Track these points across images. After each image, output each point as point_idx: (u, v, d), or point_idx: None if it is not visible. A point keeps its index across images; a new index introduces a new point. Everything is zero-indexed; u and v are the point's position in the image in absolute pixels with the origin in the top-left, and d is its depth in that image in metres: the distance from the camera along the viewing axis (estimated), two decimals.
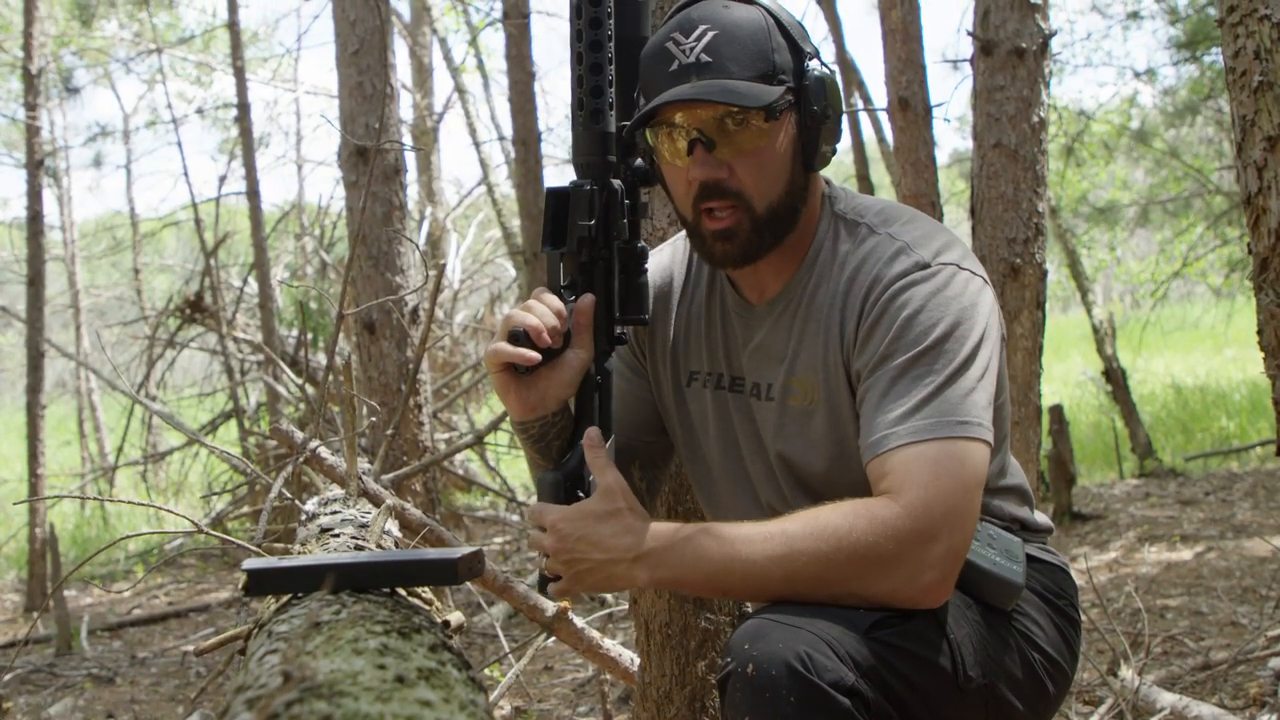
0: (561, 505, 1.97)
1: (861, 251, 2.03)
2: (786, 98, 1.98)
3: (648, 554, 1.88)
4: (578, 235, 2.04)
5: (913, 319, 1.92)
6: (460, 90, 12.12)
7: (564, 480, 2.04)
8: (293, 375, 8.62)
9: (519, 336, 1.98)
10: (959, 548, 1.83)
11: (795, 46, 2.01)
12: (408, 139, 11.88)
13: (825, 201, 2.11)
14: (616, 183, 2.07)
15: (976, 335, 1.93)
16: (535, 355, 1.97)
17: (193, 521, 3.03)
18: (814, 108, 1.99)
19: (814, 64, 2.02)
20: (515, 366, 2.01)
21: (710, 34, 1.96)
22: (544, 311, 2.00)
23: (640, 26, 2.14)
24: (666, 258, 2.30)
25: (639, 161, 2.11)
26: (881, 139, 9.39)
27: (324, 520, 2.65)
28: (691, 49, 1.96)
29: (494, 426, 4.54)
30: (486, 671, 4.72)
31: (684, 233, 2.24)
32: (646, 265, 2.12)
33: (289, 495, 3.37)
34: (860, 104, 9.75)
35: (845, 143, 2.25)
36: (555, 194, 2.08)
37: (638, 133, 2.06)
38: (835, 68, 2.10)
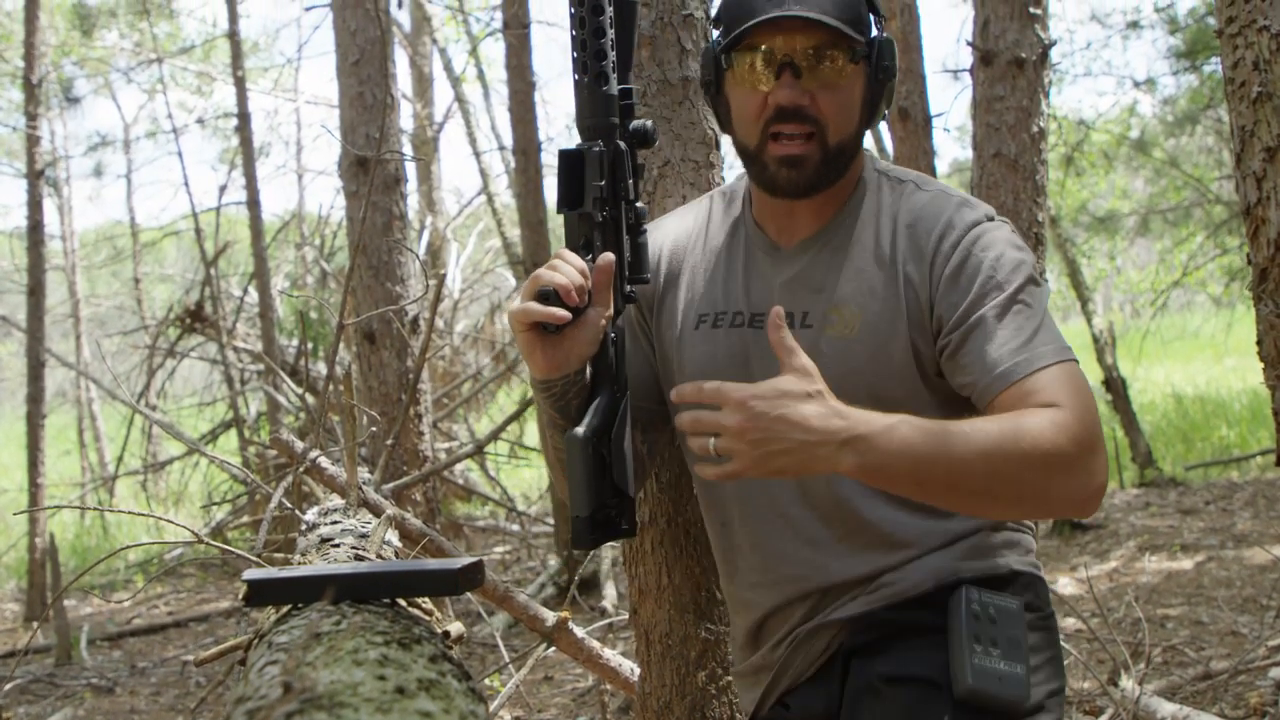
0: (746, 385, 1.85)
1: (916, 202, 2.11)
2: (865, 48, 2.06)
3: (859, 438, 1.81)
4: (593, 195, 2.06)
5: (999, 262, 2.00)
6: (460, 100, 12.12)
7: (590, 439, 2.03)
8: (293, 385, 8.60)
9: (549, 295, 1.97)
10: (1104, 453, 1.90)
11: (872, 4, 2.10)
12: (408, 149, 11.88)
13: (867, 160, 2.20)
14: (621, 144, 2.09)
15: (1036, 272, 2.04)
16: (566, 314, 1.98)
17: (193, 531, 3.03)
18: (885, 63, 2.08)
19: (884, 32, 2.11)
20: (544, 325, 2.00)
21: None
22: (571, 271, 2.00)
23: None
24: (689, 217, 2.35)
25: (636, 124, 2.11)
26: (882, 149, 9.40)
27: (324, 530, 2.65)
28: None
29: (494, 436, 4.54)
30: (487, 681, 4.72)
31: (698, 199, 2.37)
32: (645, 227, 2.14)
33: (289, 505, 3.37)
34: None
35: None
36: (568, 156, 2.08)
37: (708, 58, 2.14)
38: None
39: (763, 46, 2.05)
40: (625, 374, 2.12)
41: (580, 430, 2.03)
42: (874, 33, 2.08)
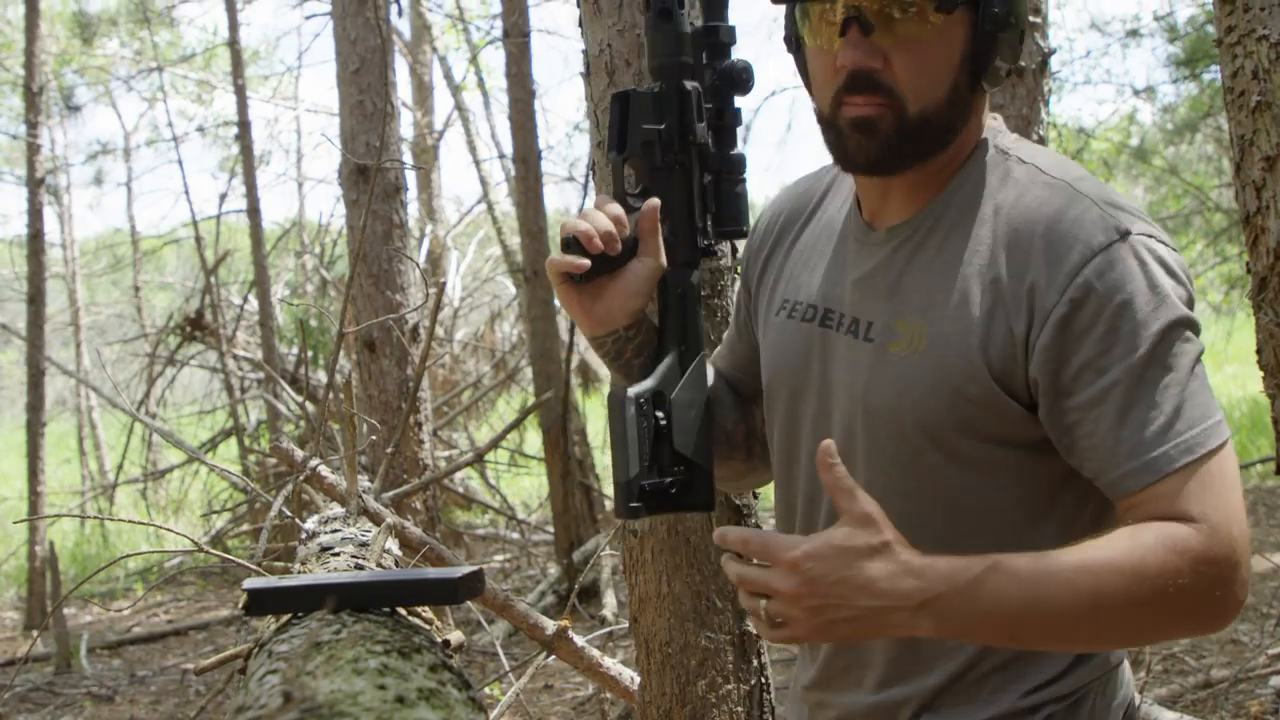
0: (797, 537, 1.56)
1: (1030, 196, 1.68)
2: None
3: (935, 600, 1.51)
4: (642, 139, 1.89)
5: (1133, 305, 1.56)
6: (460, 108, 12.14)
7: (635, 399, 1.81)
8: (293, 393, 8.62)
9: (570, 244, 1.81)
10: (1249, 562, 1.58)
11: None
12: (408, 157, 11.90)
13: (989, 133, 1.79)
14: (691, 84, 1.89)
15: (1191, 321, 1.60)
16: (585, 262, 1.80)
17: (192, 540, 3.03)
18: (994, 9, 1.67)
19: None
20: (574, 277, 1.83)
21: None
22: (598, 216, 1.82)
23: None
24: (815, 179, 2.03)
25: (726, 64, 1.90)
26: None
27: (324, 539, 2.65)
28: None
29: (494, 444, 4.54)
30: (487, 690, 4.71)
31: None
32: (742, 176, 1.92)
33: (289, 513, 3.36)
34: None
35: None
36: (619, 98, 1.92)
37: (788, 9, 1.81)
38: None
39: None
40: (698, 332, 1.92)
41: (625, 390, 1.82)
42: None
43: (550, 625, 3.05)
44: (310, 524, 2.94)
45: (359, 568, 2.32)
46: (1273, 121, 2.19)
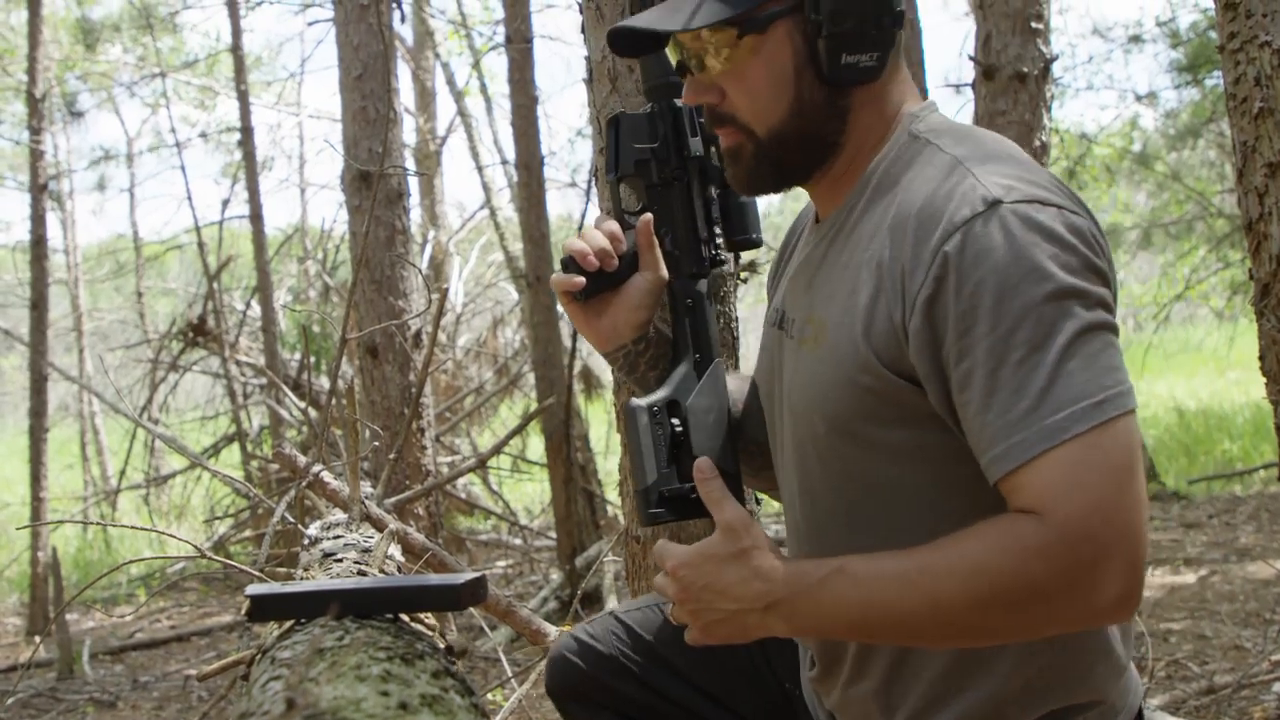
0: (681, 546, 1.66)
1: (920, 174, 1.64)
2: (776, 5, 1.67)
3: (780, 602, 1.59)
4: (635, 158, 1.97)
5: (983, 287, 1.49)
6: (463, 114, 12.13)
7: (647, 408, 1.86)
8: (295, 399, 8.60)
9: (567, 263, 1.90)
10: (1134, 552, 1.45)
11: None
12: (410, 163, 11.90)
13: (906, 119, 1.75)
14: (681, 102, 1.95)
15: (1080, 283, 1.50)
16: (580, 279, 1.89)
17: (195, 546, 3.03)
18: (817, 13, 1.64)
19: None
20: (576, 295, 1.91)
21: None
22: (594, 235, 1.91)
23: None
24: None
25: None
26: None
27: (327, 545, 2.66)
28: None
29: (497, 450, 4.54)
30: (489, 696, 4.71)
31: None
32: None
33: (292, 519, 3.37)
34: None
35: None
36: (612, 122, 2.01)
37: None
38: None
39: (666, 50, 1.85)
40: (710, 340, 1.96)
41: (636, 400, 1.87)
42: None
43: (553, 631, 3.05)
44: (313, 530, 2.94)
45: (362, 574, 2.32)
46: (1275, 128, 2.19)
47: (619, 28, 1.75)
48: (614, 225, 1.92)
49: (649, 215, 1.93)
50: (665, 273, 1.95)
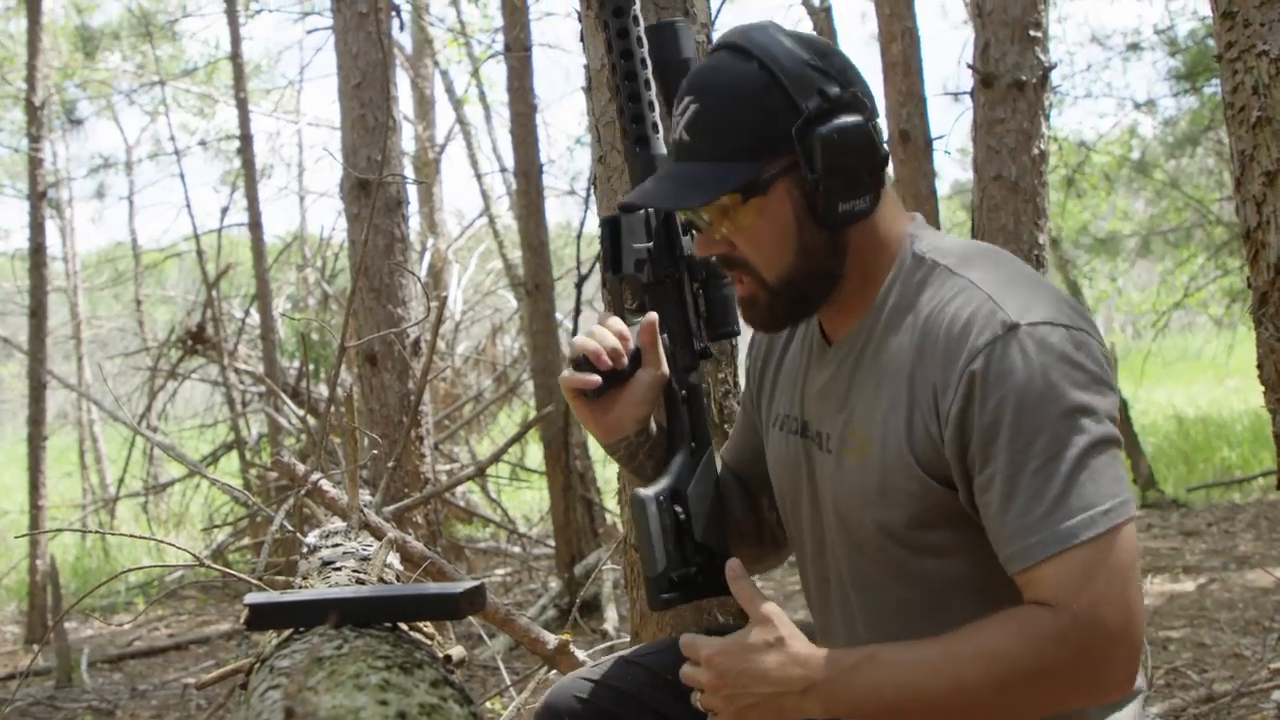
0: (715, 637, 1.84)
1: (939, 297, 1.82)
2: (774, 167, 1.82)
3: (817, 685, 1.74)
4: (634, 257, 2.08)
5: (1004, 405, 1.69)
6: (462, 122, 12.16)
7: (654, 498, 2.00)
8: (294, 407, 8.61)
9: (580, 362, 2.01)
10: (1136, 639, 1.67)
11: (793, 104, 1.81)
12: (410, 171, 11.91)
13: (906, 240, 1.91)
14: None
15: (1090, 399, 1.70)
16: (596, 379, 2.00)
17: (193, 554, 3.03)
18: (810, 173, 1.80)
19: (828, 119, 1.81)
20: (585, 391, 2.02)
21: (692, 108, 1.86)
22: (604, 334, 2.02)
23: (679, 49, 2.15)
24: None
25: None
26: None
27: (325, 553, 2.65)
28: (678, 124, 1.89)
29: (496, 458, 4.54)
30: (488, 705, 4.71)
31: None
32: (728, 279, 2.07)
33: (290, 527, 3.36)
34: None
35: None
36: (609, 222, 2.11)
37: None
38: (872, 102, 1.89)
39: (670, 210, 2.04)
40: (705, 430, 2.11)
41: (644, 490, 2.01)
42: (808, 132, 1.81)
43: (552, 639, 3.05)
44: (312, 538, 2.94)
45: (360, 582, 2.32)
46: (1273, 137, 2.19)
47: (630, 204, 1.97)
48: (621, 325, 2.04)
49: (653, 315, 2.05)
50: (667, 369, 2.08)
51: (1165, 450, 12.28)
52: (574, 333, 7.23)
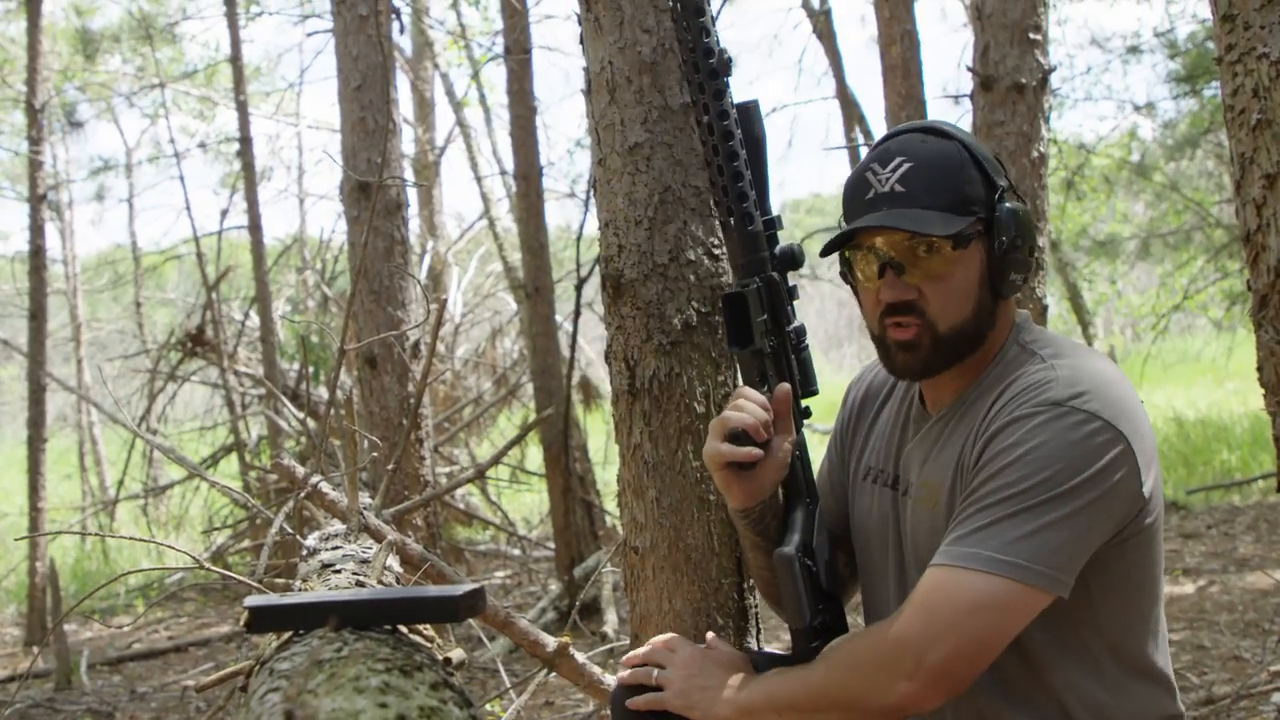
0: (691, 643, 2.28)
1: (1022, 381, 2.04)
2: (975, 227, 2.05)
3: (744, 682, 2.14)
4: (759, 330, 2.21)
5: (1014, 453, 1.94)
6: (462, 125, 12.15)
7: (796, 555, 2.18)
8: (294, 409, 8.62)
9: (740, 436, 2.13)
10: (942, 665, 1.89)
11: (988, 180, 2.07)
12: (409, 173, 11.91)
13: (1014, 329, 2.15)
14: (774, 274, 2.23)
15: (1073, 490, 1.91)
16: (759, 453, 2.13)
17: (193, 556, 3.03)
18: (1002, 238, 2.05)
19: (1007, 198, 2.08)
20: (739, 464, 2.15)
21: (905, 165, 2.05)
22: (754, 409, 2.15)
23: (755, 126, 2.29)
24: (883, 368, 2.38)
25: (783, 248, 2.25)
26: None
27: (325, 555, 2.65)
28: (887, 179, 2.06)
29: (495, 461, 4.53)
30: (488, 707, 4.71)
31: None
32: (805, 342, 2.26)
33: (290, 530, 3.36)
34: (861, 139, 9.78)
35: (846, 178, 2.25)
36: (732, 299, 2.23)
37: (833, 246, 2.17)
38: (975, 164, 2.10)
39: (865, 245, 2.12)
40: (814, 483, 2.27)
41: (787, 549, 2.18)
42: (998, 204, 2.07)
43: (551, 642, 3.04)
44: (311, 540, 2.94)
45: (360, 585, 2.32)
46: (1273, 139, 2.19)
47: (864, 227, 2.08)
48: (761, 398, 2.17)
49: (786, 386, 2.20)
50: (795, 435, 2.23)
51: (1165, 453, 12.27)
52: (573, 336, 7.24)
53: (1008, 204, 2.07)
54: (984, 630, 1.90)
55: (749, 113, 2.30)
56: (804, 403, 2.29)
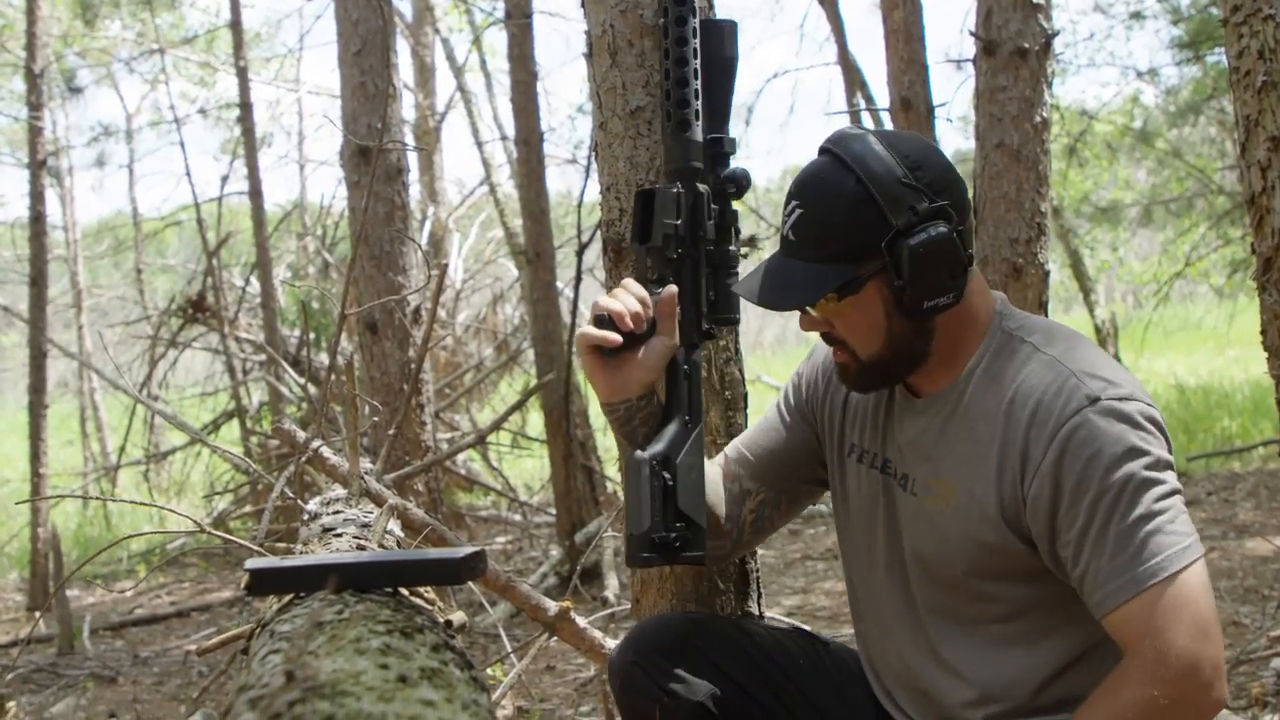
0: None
1: (1028, 370, 2.05)
2: (868, 269, 2.02)
3: None
4: (663, 232, 2.20)
5: (1096, 462, 1.93)
6: (463, 90, 12.10)
7: (649, 460, 2.14)
8: (295, 375, 8.62)
9: (603, 320, 2.13)
10: (1217, 658, 1.89)
11: (883, 219, 2.00)
12: (410, 139, 11.88)
13: (995, 318, 2.15)
14: (702, 187, 2.22)
15: (1157, 463, 1.94)
16: (617, 338, 2.12)
17: (195, 521, 3.03)
18: (899, 278, 2.00)
19: (915, 232, 2.00)
20: (601, 349, 2.14)
21: (797, 212, 2.06)
22: (628, 298, 2.15)
23: (725, 46, 2.30)
24: None
25: (730, 170, 2.26)
26: None
27: (326, 520, 2.65)
28: (785, 222, 2.08)
29: (496, 426, 4.54)
30: (489, 671, 4.72)
31: None
32: (736, 269, 2.25)
33: (291, 495, 3.37)
34: (863, 104, 9.75)
35: None
36: (643, 194, 2.24)
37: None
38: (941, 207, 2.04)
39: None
40: (700, 405, 2.24)
41: (639, 453, 2.15)
42: (898, 241, 2.00)
43: (552, 606, 3.05)
44: (312, 505, 2.94)
45: (361, 549, 2.32)
46: (1278, 101, 2.18)
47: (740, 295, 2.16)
48: (643, 291, 2.17)
49: (674, 288, 2.18)
50: (678, 340, 2.20)
51: (1166, 419, 12.28)
52: (575, 301, 7.24)
53: (909, 241, 1.99)
54: (1207, 612, 1.90)
55: (720, 31, 2.31)
56: (713, 327, 2.28)
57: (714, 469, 2.38)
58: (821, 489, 2.46)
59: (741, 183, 2.25)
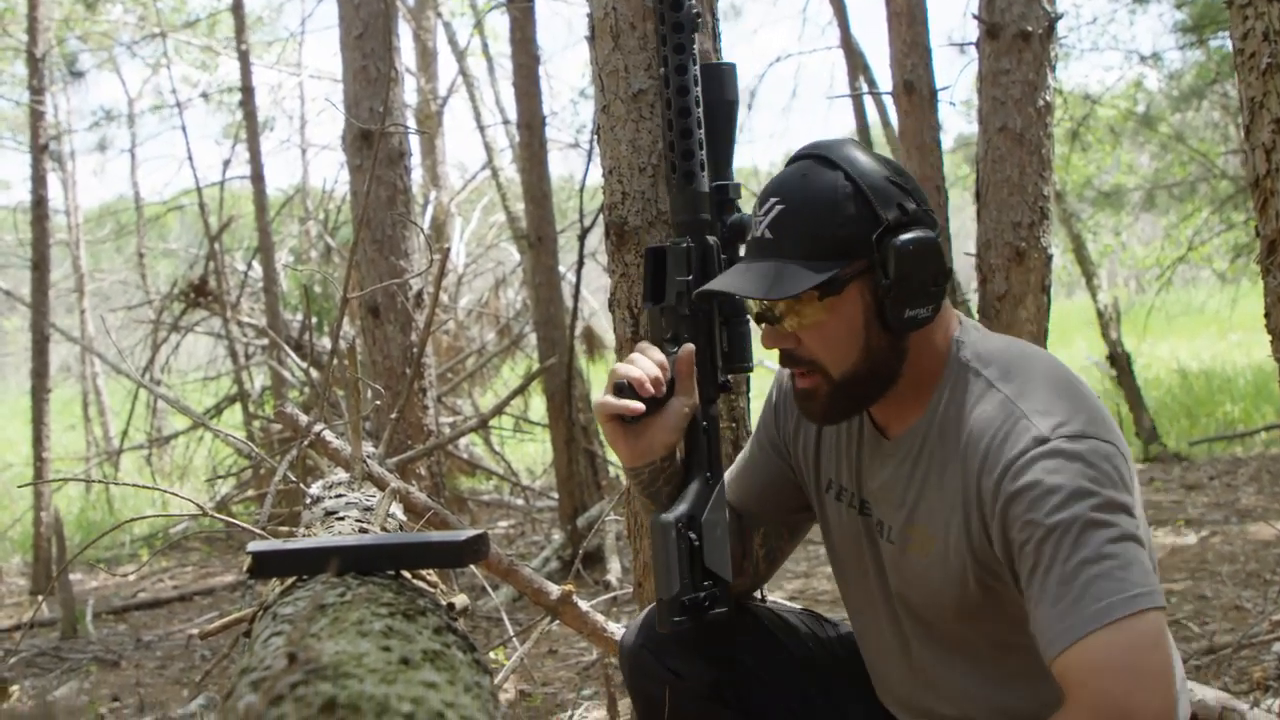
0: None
1: (981, 411, 1.97)
2: (853, 269, 1.95)
3: None
4: (676, 290, 2.18)
5: (1038, 506, 1.83)
6: (465, 74, 12.08)
7: (674, 523, 2.10)
8: (297, 359, 8.61)
9: (623, 388, 2.10)
10: (1161, 711, 1.74)
11: (873, 214, 1.95)
12: (412, 123, 11.84)
13: (954, 346, 2.06)
14: (711, 239, 2.21)
15: (1106, 504, 1.82)
16: (639, 406, 2.10)
17: (198, 505, 3.04)
18: (884, 280, 1.94)
19: (904, 230, 1.95)
20: (622, 417, 2.12)
21: (777, 209, 1.98)
22: (646, 363, 2.12)
23: (725, 90, 2.29)
24: None
25: (733, 218, 2.24)
26: (886, 123, 9.37)
27: (329, 503, 2.66)
28: (760, 223, 2.01)
29: (498, 410, 4.54)
30: (491, 655, 4.73)
31: None
32: (747, 318, 2.21)
33: (294, 478, 3.37)
34: (865, 87, 9.73)
35: (850, 126, 2.26)
36: (654, 252, 2.23)
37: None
38: (922, 219, 1.99)
39: (742, 299, 2.15)
40: (719, 460, 2.21)
41: (665, 515, 2.11)
42: (883, 241, 1.95)
43: (555, 590, 3.05)
44: (315, 489, 2.94)
45: (363, 532, 2.32)
46: None
47: (713, 290, 2.06)
48: (660, 355, 2.15)
49: (691, 346, 2.16)
50: (698, 399, 2.18)
51: (1168, 404, 12.28)
52: (577, 285, 7.23)
53: (898, 238, 1.95)
54: (1156, 662, 1.76)
55: (721, 75, 2.29)
56: (732, 378, 2.27)
57: (729, 513, 2.31)
58: (814, 514, 2.41)
59: (749, 230, 2.14)
